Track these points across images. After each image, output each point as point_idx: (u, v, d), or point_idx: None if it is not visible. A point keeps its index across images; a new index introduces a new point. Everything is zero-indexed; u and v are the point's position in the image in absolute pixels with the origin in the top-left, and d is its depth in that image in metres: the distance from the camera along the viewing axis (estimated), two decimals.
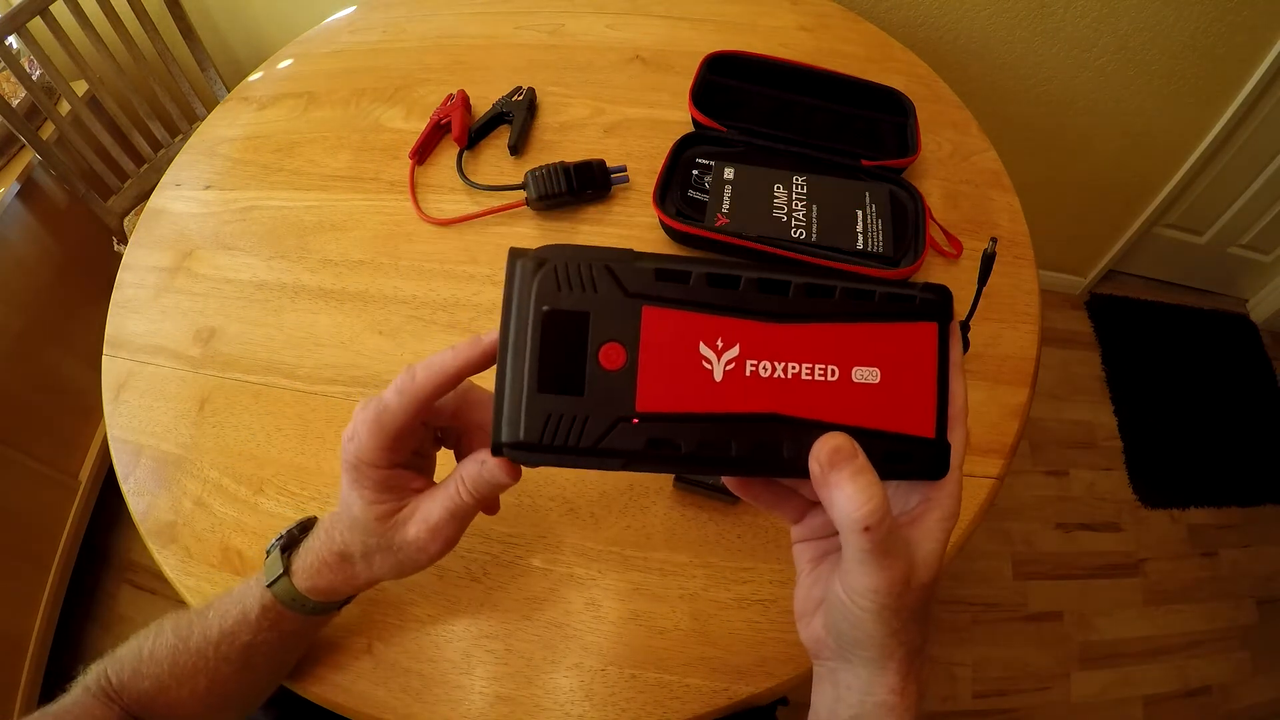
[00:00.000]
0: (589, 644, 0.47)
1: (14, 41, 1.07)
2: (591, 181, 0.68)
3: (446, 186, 0.73)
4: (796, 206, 0.64)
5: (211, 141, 0.81)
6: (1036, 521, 1.34)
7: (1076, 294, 1.62)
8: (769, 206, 0.64)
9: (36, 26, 1.06)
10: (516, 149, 0.74)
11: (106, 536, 1.34)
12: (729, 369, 0.25)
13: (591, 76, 0.82)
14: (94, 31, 1.13)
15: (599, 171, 0.69)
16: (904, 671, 0.27)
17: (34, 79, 1.14)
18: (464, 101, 0.77)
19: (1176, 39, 1.06)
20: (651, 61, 0.83)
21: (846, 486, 0.24)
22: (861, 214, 0.64)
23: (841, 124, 0.72)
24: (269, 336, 0.64)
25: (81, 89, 1.22)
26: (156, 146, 1.29)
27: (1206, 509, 1.36)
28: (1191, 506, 1.37)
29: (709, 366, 0.25)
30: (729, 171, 0.67)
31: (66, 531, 1.21)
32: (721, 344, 0.25)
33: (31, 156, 1.18)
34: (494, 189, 0.71)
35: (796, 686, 0.45)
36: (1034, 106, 1.20)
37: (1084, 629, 1.24)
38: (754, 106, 0.73)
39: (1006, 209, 0.69)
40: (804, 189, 0.65)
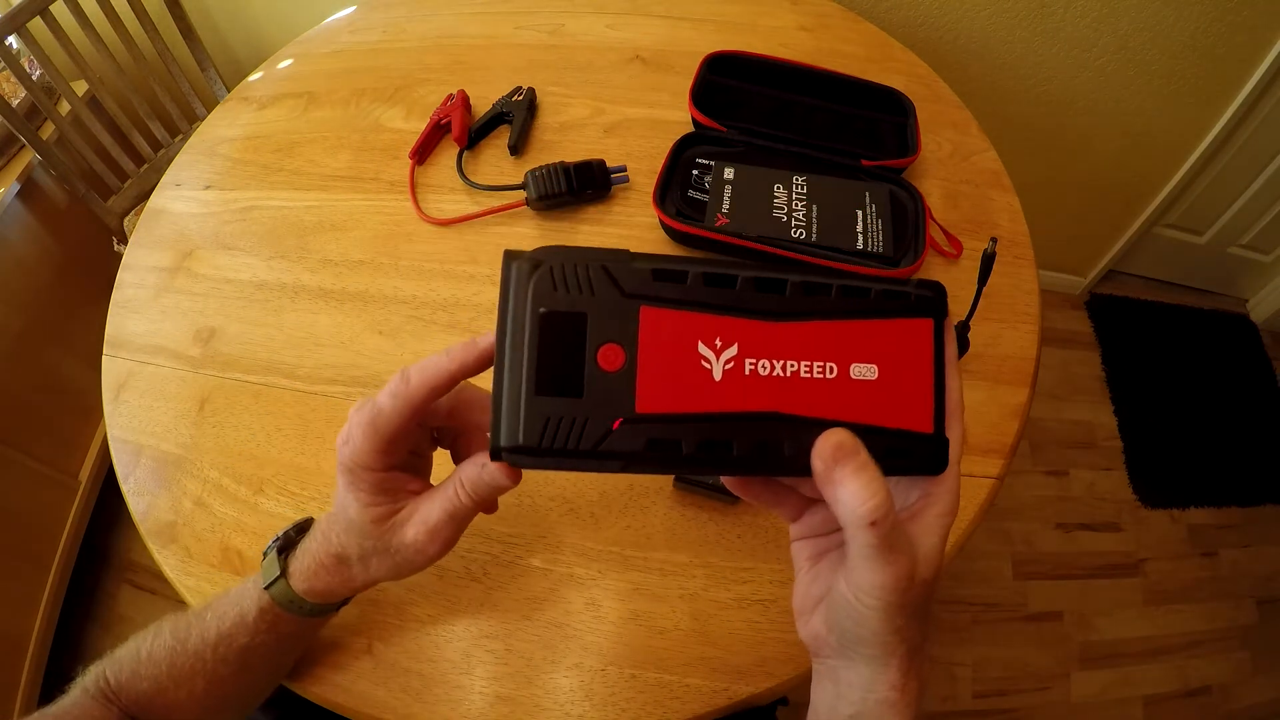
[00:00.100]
0: (589, 644, 0.47)
1: (14, 41, 1.07)
2: (591, 181, 0.68)
3: (446, 186, 0.73)
4: (796, 206, 0.64)
5: (211, 141, 0.81)
6: (1036, 521, 1.34)
7: (1076, 294, 1.62)
8: (769, 206, 0.64)
9: (36, 26, 1.06)
10: (516, 149, 0.74)
11: (106, 536, 1.34)
12: (728, 368, 0.25)
13: (591, 76, 0.82)
14: (94, 31, 1.13)
15: (599, 171, 0.69)
16: (905, 668, 0.27)
17: (34, 79, 1.14)
18: (464, 101, 0.77)
19: (1176, 39, 1.06)
20: (651, 61, 0.83)
21: (851, 482, 0.24)
22: (861, 214, 0.64)
23: (841, 124, 0.72)
24: (269, 336, 0.64)
25: (81, 89, 1.22)
26: (156, 146, 1.29)
27: (1206, 509, 1.36)
28: (1191, 506, 1.36)
29: (708, 366, 0.25)
30: (729, 171, 0.67)
31: (66, 531, 1.21)
32: (720, 343, 0.25)
33: (31, 156, 1.18)
34: (494, 189, 0.71)
35: (796, 686, 0.45)
36: (1034, 106, 1.20)
37: (1084, 629, 1.24)
38: (754, 106, 0.73)
39: (1006, 209, 0.69)
40: (804, 189, 0.65)
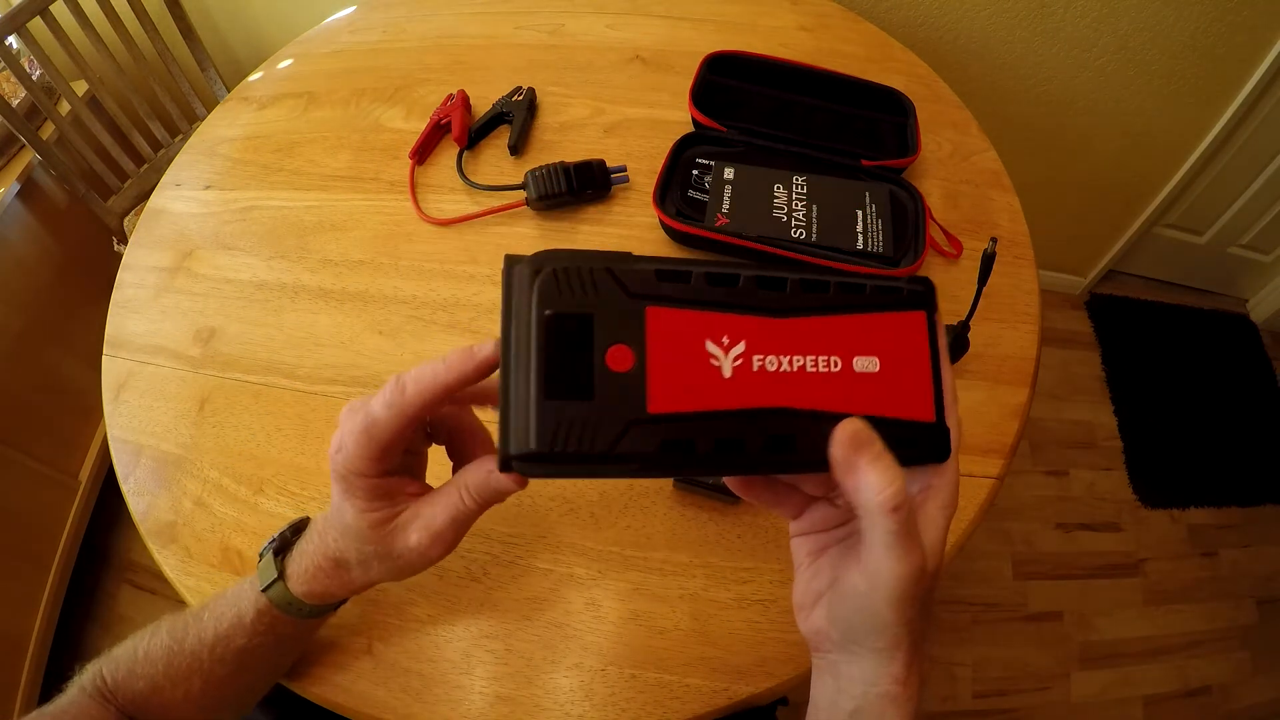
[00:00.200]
0: (589, 644, 0.47)
1: (14, 41, 1.07)
2: (591, 181, 0.68)
3: (446, 186, 0.73)
4: (796, 206, 0.64)
5: (211, 141, 0.81)
6: (1036, 521, 1.34)
7: (1076, 294, 1.62)
8: (769, 206, 0.64)
9: (36, 26, 1.06)
10: (516, 149, 0.74)
11: (106, 536, 1.34)
12: (737, 365, 0.25)
13: (591, 76, 0.82)
14: (94, 31, 1.13)
15: (599, 171, 0.69)
16: (909, 662, 0.27)
17: (34, 79, 1.14)
18: (464, 101, 0.77)
19: (1176, 39, 1.06)
20: (651, 61, 0.83)
21: (872, 469, 0.24)
22: (861, 214, 0.64)
23: (841, 124, 0.72)
24: (269, 336, 0.64)
25: (81, 89, 1.22)
26: (156, 146, 1.29)
27: (1206, 509, 1.36)
28: (1191, 506, 1.36)
29: (717, 364, 0.25)
30: (729, 171, 0.67)
31: (66, 531, 1.21)
32: (728, 340, 0.25)
33: (31, 156, 1.18)
34: (494, 189, 0.71)
35: (796, 686, 0.45)
36: (1034, 106, 1.20)
37: (1084, 629, 1.24)
38: (754, 106, 0.73)
39: (1006, 209, 0.69)
40: (804, 189, 0.65)
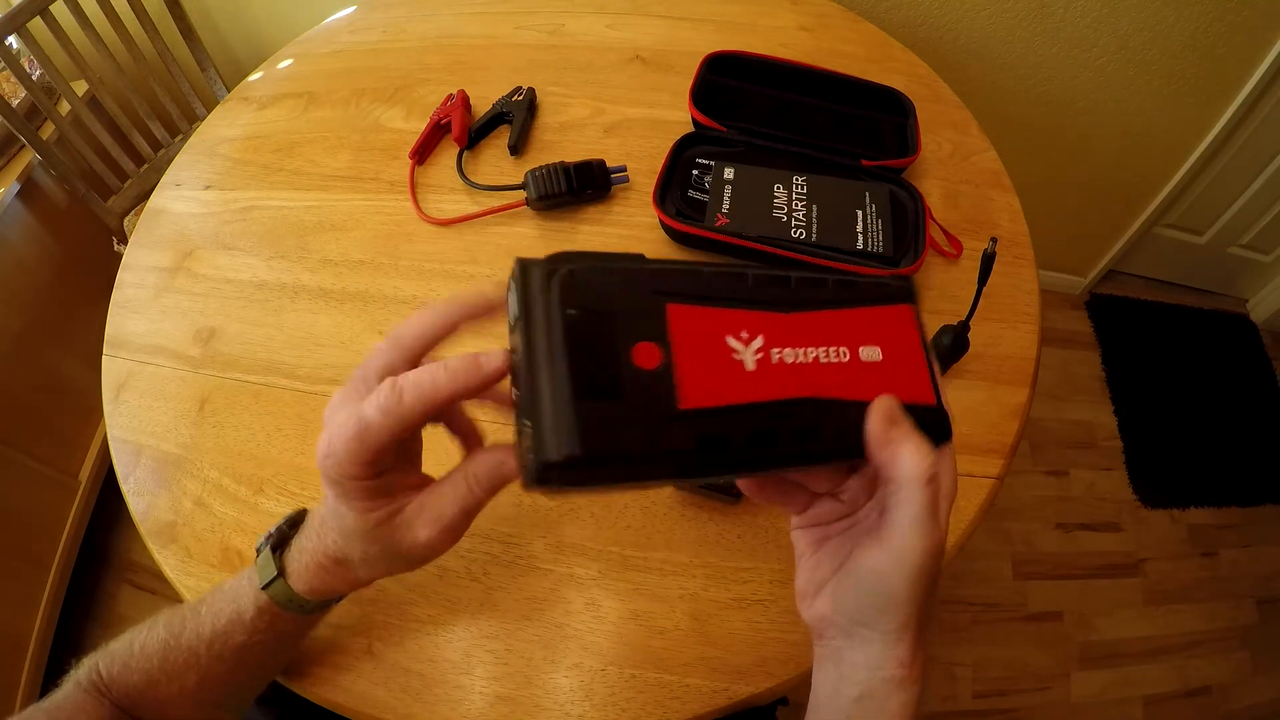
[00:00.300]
0: (589, 644, 0.47)
1: (14, 41, 1.07)
2: (591, 181, 0.68)
3: (446, 186, 0.73)
4: (796, 206, 0.64)
5: (211, 141, 0.81)
6: (1036, 521, 1.34)
7: (1076, 294, 1.62)
8: (769, 206, 0.64)
9: (36, 26, 1.06)
10: (516, 149, 0.74)
11: (106, 536, 1.34)
12: (758, 358, 0.25)
13: (591, 76, 0.82)
14: (94, 31, 1.13)
15: (599, 171, 0.69)
16: (915, 645, 0.27)
17: (34, 79, 1.14)
18: (464, 101, 0.77)
19: (1176, 39, 1.06)
20: (651, 61, 0.83)
21: (908, 442, 0.26)
22: (861, 214, 0.63)
23: (841, 124, 0.71)
24: (269, 336, 0.64)
25: (81, 89, 1.22)
26: (156, 146, 1.29)
27: (1206, 509, 1.36)
28: (1191, 506, 1.36)
29: (739, 358, 0.25)
30: (729, 171, 0.67)
31: (66, 531, 1.21)
32: (746, 335, 0.26)
33: (31, 156, 1.18)
34: (494, 189, 0.71)
35: (796, 686, 0.45)
36: (1034, 106, 1.20)
37: (1084, 629, 1.24)
38: (754, 106, 0.73)
39: (1006, 209, 0.69)
40: (804, 189, 0.65)
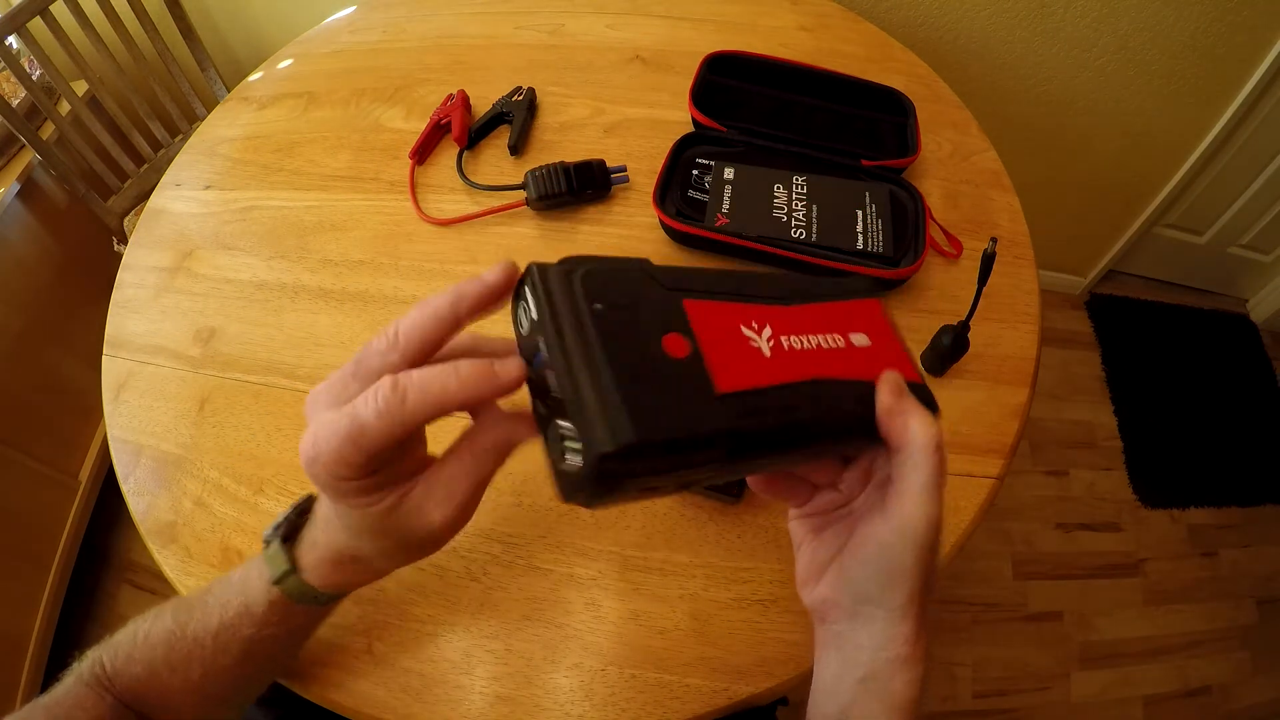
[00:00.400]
0: (589, 644, 0.47)
1: (14, 41, 1.07)
2: (591, 181, 0.68)
3: (446, 186, 0.73)
4: (796, 206, 0.64)
5: (211, 141, 0.81)
6: (1036, 521, 1.34)
7: (1076, 294, 1.62)
8: (769, 206, 0.64)
9: (36, 26, 1.06)
10: (516, 149, 0.74)
11: (106, 536, 1.34)
12: (772, 345, 0.27)
13: (591, 76, 0.82)
14: (94, 31, 1.13)
15: (599, 171, 0.69)
16: (918, 622, 0.28)
17: (34, 79, 1.14)
18: (464, 101, 0.77)
19: (1176, 39, 1.06)
20: (651, 61, 0.83)
21: (917, 413, 0.27)
22: (861, 214, 0.63)
23: (841, 124, 0.71)
24: (269, 336, 0.64)
25: (81, 89, 1.22)
26: (156, 146, 1.29)
27: (1206, 509, 1.36)
28: (1191, 506, 1.36)
29: (756, 345, 0.26)
30: (729, 171, 0.67)
31: (66, 531, 1.21)
32: (756, 325, 0.27)
33: (31, 156, 1.18)
34: (494, 189, 0.71)
35: (796, 686, 0.45)
36: (1034, 106, 1.20)
37: (1084, 629, 1.24)
38: (754, 106, 0.73)
39: (1006, 209, 0.69)
40: (804, 189, 0.65)
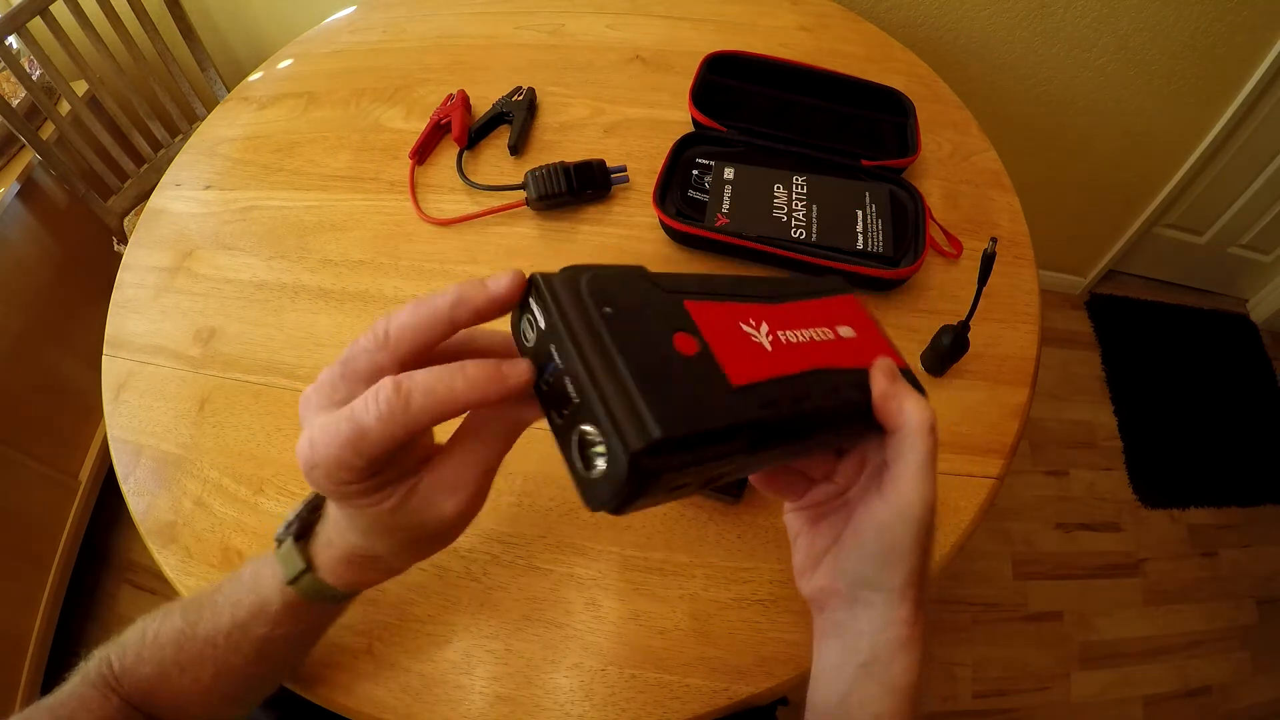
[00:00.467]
0: (589, 644, 0.47)
1: (14, 41, 1.07)
2: (591, 181, 0.68)
3: (446, 186, 0.73)
4: (796, 206, 0.64)
5: (211, 141, 0.81)
6: (1036, 521, 1.34)
7: (1076, 294, 1.62)
8: (769, 206, 0.64)
9: (36, 26, 1.06)
10: (516, 149, 0.74)
11: (106, 536, 1.34)
12: (771, 340, 0.27)
13: (591, 76, 0.82)
14: (94, 31, 1.13)
15: (599, 171, 0.69)
16: (916, 604, 0.29)
17: (34, 79, 1.14)
18: (464, 101, 0.77)
19: (1176, 39, 1.06)
20: (651, 61, 0.83)
21: (911, 396, 0.28)
22: (861, 214, 0.63)
23: (841, 124, 0.71)
24: (269, 336, 0.64)
25: (81, 89, 1.22)
26: (156, 146, 1.29)
27: (1206, 509, 1.36)
28: (1191, 506, 1.36)
29: (758, 340, 0.27)
30: (729, 171, 0.67)
31: (66, 531, 1.21)
32: (754, 322, 0.28)
33: (31, 156, 1.18)
34: (494, 189, 0.71)
35: (796, 686, 0.45)
36: (1034, 106, 1.20)
37: (1084, 629, 1.24)
38: (754, 106, 0.73)
39: (1006, 209, 0.69)
40: (804, 189, 0.65)
